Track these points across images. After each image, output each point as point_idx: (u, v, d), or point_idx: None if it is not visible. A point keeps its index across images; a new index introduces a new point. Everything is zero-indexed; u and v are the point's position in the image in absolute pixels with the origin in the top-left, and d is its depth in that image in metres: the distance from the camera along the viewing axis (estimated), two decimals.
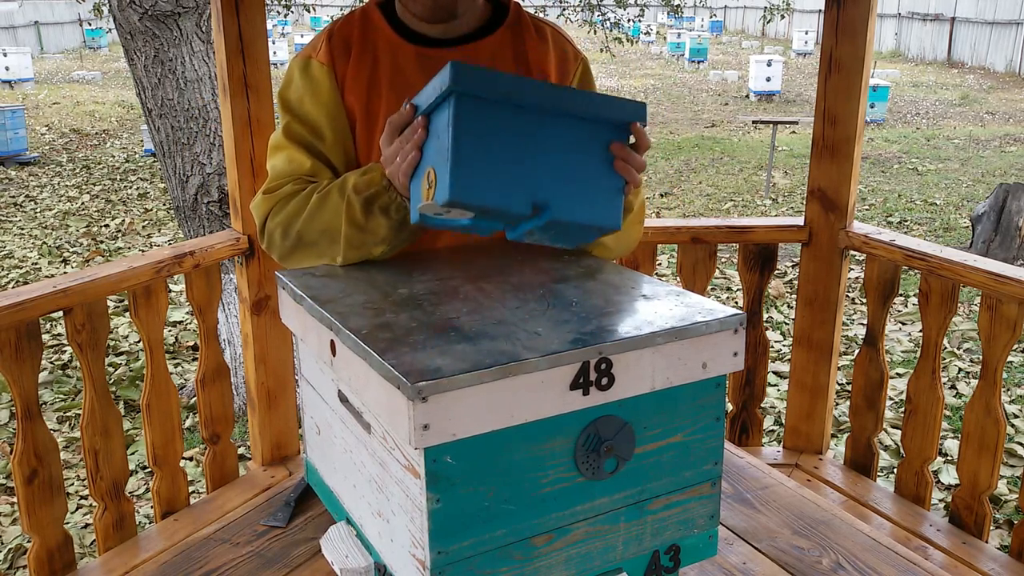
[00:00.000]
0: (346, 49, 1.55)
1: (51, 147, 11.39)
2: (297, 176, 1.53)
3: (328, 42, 1.56)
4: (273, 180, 1.55)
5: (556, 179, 1.26)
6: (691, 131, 12.52)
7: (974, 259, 2.08)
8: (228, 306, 3.94)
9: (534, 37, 1.61)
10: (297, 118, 1.55)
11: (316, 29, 23.81)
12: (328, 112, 1.54)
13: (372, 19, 1.58)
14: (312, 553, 1.64)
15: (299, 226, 1.48)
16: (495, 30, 1.60)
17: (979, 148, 10.98)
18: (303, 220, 1.48)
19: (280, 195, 1.52)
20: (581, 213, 1.29)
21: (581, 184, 1.28)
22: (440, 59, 1.55)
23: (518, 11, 1.63)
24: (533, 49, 1.61)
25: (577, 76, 1.64)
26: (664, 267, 6.07)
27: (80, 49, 25.39)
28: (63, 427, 4.04)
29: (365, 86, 1.55)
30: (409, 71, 1.55)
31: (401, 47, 1.56)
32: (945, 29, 22.00)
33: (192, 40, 3.71)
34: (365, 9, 1.60)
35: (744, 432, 2.57)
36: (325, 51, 1.55)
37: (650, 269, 2.47)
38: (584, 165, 1.28)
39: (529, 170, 1.24)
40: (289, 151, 1.55)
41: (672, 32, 23.29)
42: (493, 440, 1.10)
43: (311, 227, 1.47)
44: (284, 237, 1.51)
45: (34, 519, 1.90)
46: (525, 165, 1.24)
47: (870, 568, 1.61)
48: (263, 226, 1.54)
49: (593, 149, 1.28)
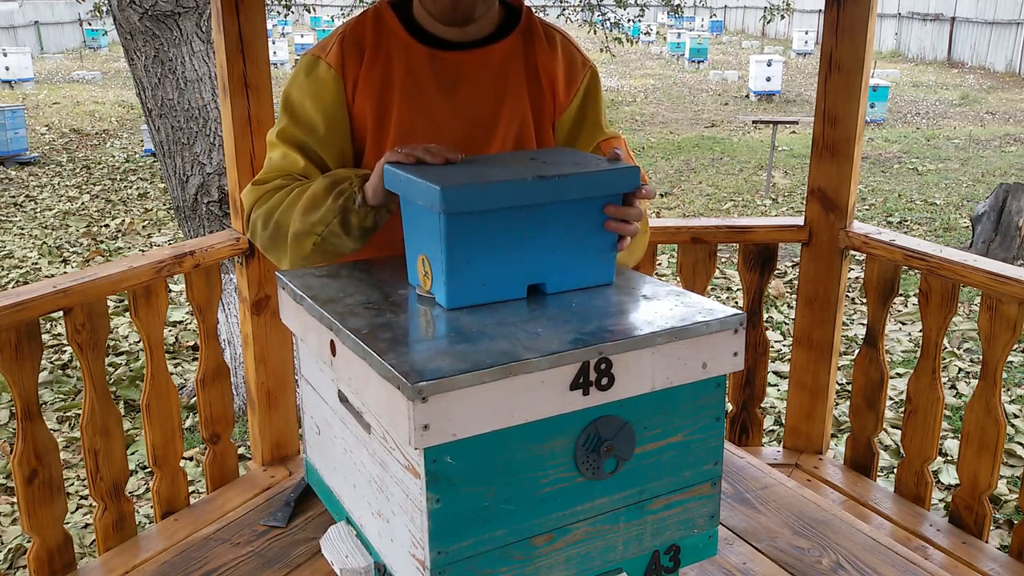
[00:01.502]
0: (359, 52, 1.55)
1: (51, 147, 11.39)
2: (288, 173, 1.55)
3: (340, 44, 1.55)
4: (266, 173, 1.57)
5: (550, 257, 1.29)
6: (691, 131, 12.52)
7: (974, 259, 2.08)
8: (228, 306, 3.94)
9: (544, 44, 1.62)
10: (295, 118, 1.56)
11: (316, 29, 23.79)
12: (328, 115, 1.55)
13: (385, 20, 1.58)
14: (312, 553, 1.64)
15: (277, 217, 1.50)
16: (507, 35, 1.60)
17: (979, 148, 10.97)
18: (281, 211, 1.50)
19: (268, 187, 1.54)
20: (575, 279, 1.32)
21: (574, 253, 1.31)
22: (453, 62, 1.56)
23: (529, 17, 1.64)
24: (543, 55, 1.62)
25: (585, 83, 1.65)
26: (664, 267, 6.07)
27: (80, 49, 25.38)
28: (63, 427, 4.04)
29: (378, 88, 1.55)
30: (422, 73, 1.56)
31: (414, 49, 1.56)
32: (945, 29, 22.00)
33: (192, 40, 3.71)
34: (378, 9, 1.59)
35: (744, 432, 2.57)
36: (336, 54, 1.55)
37: (650, 269, 2.46)
38: (576, 235, 1.30)
39: (523, 258, 1.28)
40: (284, 149, 1.56)
41: (672, 32, 23.28)
42: (493, 440, 1.10)
43: (286, 220, 1.49)
44: (264, 227, 1.53)
45: (34, 519, 1.90)
46: (519, 255, 1.27)
47: (870, 568, 1.61)
48: (248, 215, 1.57)
49: (585, 218, 1.30)
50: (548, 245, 1.28)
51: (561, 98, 1.63)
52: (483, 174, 1.26)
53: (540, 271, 1.29)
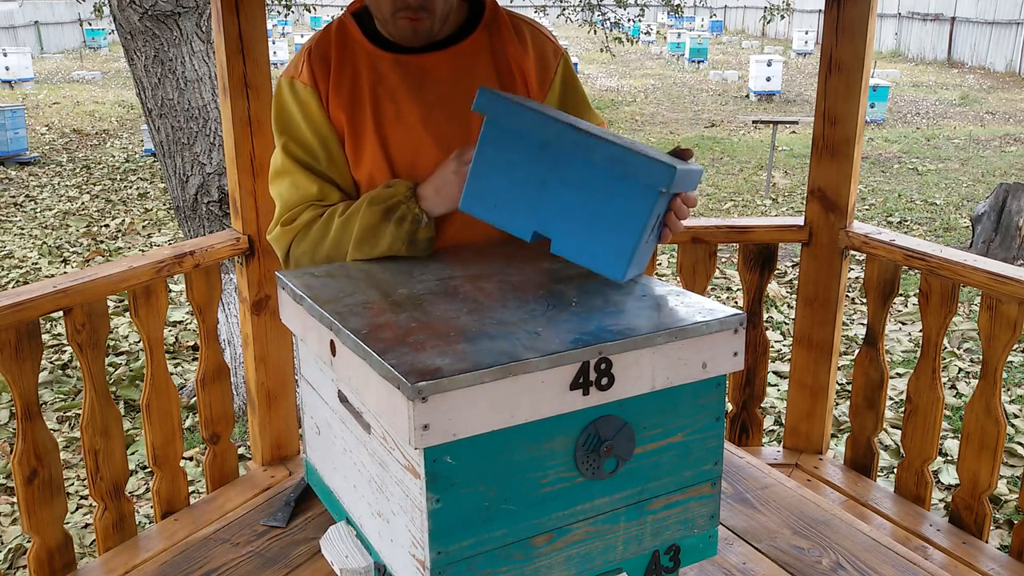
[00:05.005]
0: (325, 65, 1.56)
1: (51, 147, 11.39)
2: (307, 202, 1.55)
3: (308, 60, 1.57)
4: (285, 211, 1.56)
5: (564, 215, 1.28)
6: (691, 131, 12.52)
7: (974, 259, 2.08)
8: (228, 306, 3.94)
9: (512, 36, 1.61)
10: (293, 139, 1.56)
11: (316, 29, 23.72)
12: (320, 132, 1.56)
13: (348, 30, 1.58)
14: (312, 553, 1.64)
15: (326, 250, 1.51)
16: (472, 31, 1.59)
17: (979, 148, 10.97)
18: (329, 244, 1.51)
19: (299, 225, 1.54)
20: (583, 254, 1.30)
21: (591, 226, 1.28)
22: (418, 64, 1.56)
23: (494, 9, 1.62)
24: (512, 48, 1.60)
25: (559, 72, 1.63)
26: (664, 267, 6.07)
27: (80, 49, 25.38)
28: (63, 427, 4.04)
29: (348, 99, 1.55)
30: (390, 77, 1.56)
31: (379, 56, 1.57)
32: (945, 29, 22.00)
33: (192, 40, 3.71)
34: (341, 21, 1.60)
35: (744, 432, 2.57)
36: (307, 71, 1.56)
37: (650, 269, 2.46)
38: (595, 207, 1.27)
39: (539, 201, 1.29)
40: (293, 177, 1.56)
41: (672, 32, 23.26)
42: (493, 440, 1.10)
43: (338, 252, 1.50)
44: (312, 263, 1.54)
45: (34, 519, 1.90)
46: (536, 195, 1.28)
47: (870, 568, 1.61)
48: (287, 256, 1.57)
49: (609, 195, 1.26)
50: (566, 202, 1.28)
51: (534, 89, 1.61)
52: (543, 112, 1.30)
53: (550, 224, 1.29)
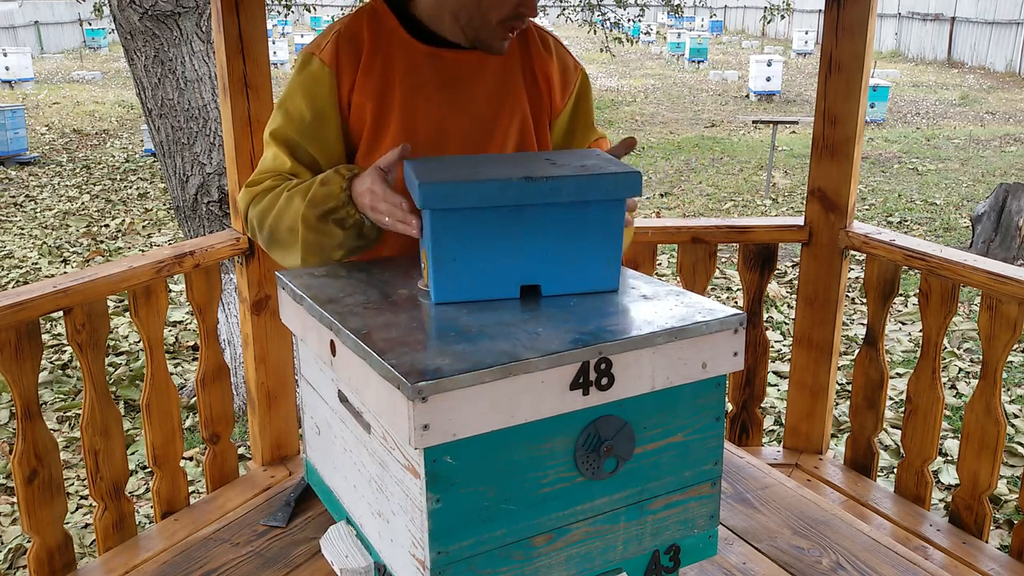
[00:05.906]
0: (355, 49, 1.54)
1: (51, 147, 11.39)
2: (277, 173, 1.56)
3: (336, 42, 1.54)
4: (258, 173, 1.59)
5: (546, 259, 1.29)
6: (691, 131, 12.52)
7: (974, 259, 2.08)
8: (228, 306, 3.94)
9: (539, 47, 1.65)
10: (288, 116, 1.56)
11: (316, 29, 23.77)
12: (317, 111, 1.54)
13: (382, 18, 1.57)
14: (312, 553, 1.64)
15: (270, 221, 1.53)
16: None
17: (979, 148, 10.97)
18: (273, 216, 1.52)
19: (259, 189, 1.56)
20: (576, 283, 1.32)
21: (574, 256, 1.30)
22: (453, 61, 1.56)
23: None
24: (539, 58, 1.65)
25: (577, 86, 1.69)
26: (664, 267, 6.07)
27: (80, 49, 25.37)
28: (63, 427, 4.04)
29: (378, 88, 1.54)
30: (422, 72, 1.55)
31: (414, 47, 1.55)
32: (945, 29, 21.99)
33: (192, 40, 3.71)
34: (374, 6, 1.58)
35: (744, 432, 2.57)
36: (331, 51, 1.54)
37: (650, 269, 2.46)
38: (574, 238, 1.29)
39: (515, 258, 1.28)
40: (275, 149, 1.57)
41: (672, 32, 23.25)
42: (493, 440, 1.10)
43: (279, 224, 1.52)
44: (260, 229, 1.56)
45: (34, 519, 1.90)
46: (510, 255, 1.27)
47: (870, 568, 1.61)
48: (246, 216, 1.60)
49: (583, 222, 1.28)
50: (543, 247, 1.28)
51: (557, 100, 1.67)
52: (477, 172, 1.26)
53: (535, 272, 1.29)
